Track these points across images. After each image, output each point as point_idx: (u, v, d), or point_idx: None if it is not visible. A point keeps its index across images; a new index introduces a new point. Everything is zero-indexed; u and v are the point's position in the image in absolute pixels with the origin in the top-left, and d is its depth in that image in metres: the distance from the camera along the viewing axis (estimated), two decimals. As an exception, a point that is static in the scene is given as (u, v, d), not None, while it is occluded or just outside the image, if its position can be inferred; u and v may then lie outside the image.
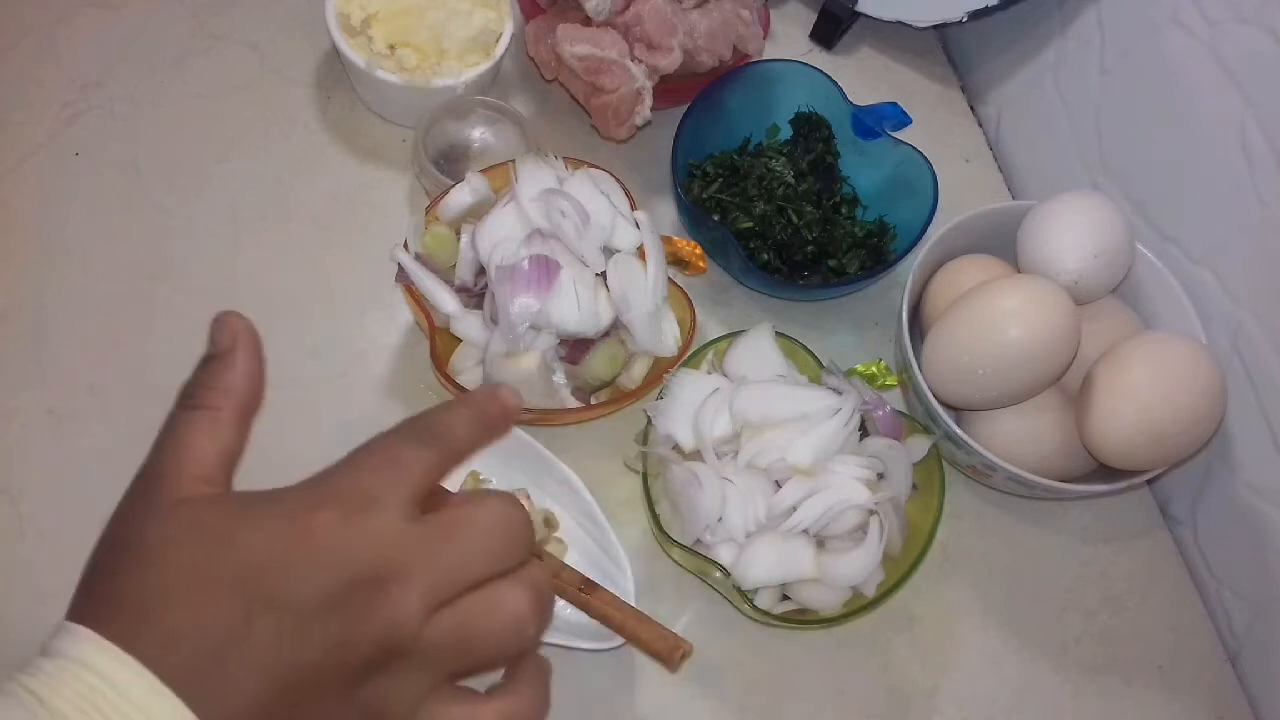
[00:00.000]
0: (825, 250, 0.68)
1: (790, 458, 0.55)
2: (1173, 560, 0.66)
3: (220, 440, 0.37)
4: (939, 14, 0.76)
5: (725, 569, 0.54)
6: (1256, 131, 0.60)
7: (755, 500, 0.56)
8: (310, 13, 0.71)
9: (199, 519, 0.34)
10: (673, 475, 0.56)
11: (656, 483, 0.58)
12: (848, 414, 0.57)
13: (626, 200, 0.62)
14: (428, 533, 0.35)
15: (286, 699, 0.32)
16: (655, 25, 0.65)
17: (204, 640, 0.32)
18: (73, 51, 0.70)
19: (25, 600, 0.54)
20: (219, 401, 0.38)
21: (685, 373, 0.60)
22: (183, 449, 0.36)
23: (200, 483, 0.35)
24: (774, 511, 0.55)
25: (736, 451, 0.57)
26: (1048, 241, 0.61)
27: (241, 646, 0.32)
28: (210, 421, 0.38)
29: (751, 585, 0.54)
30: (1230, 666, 0.63)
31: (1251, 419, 0.62)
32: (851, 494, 0.55)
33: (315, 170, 0.69)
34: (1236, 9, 0.60)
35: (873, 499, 0.55)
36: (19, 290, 0.62)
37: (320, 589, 0.33)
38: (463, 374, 0.59)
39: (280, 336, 0.63)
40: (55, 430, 0.58)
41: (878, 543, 0.55)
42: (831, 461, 0.56)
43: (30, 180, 0.65)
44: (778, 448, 0.56)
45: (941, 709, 0.59)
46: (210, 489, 0.36)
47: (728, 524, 0.55)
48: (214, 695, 0.32)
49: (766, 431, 0.57)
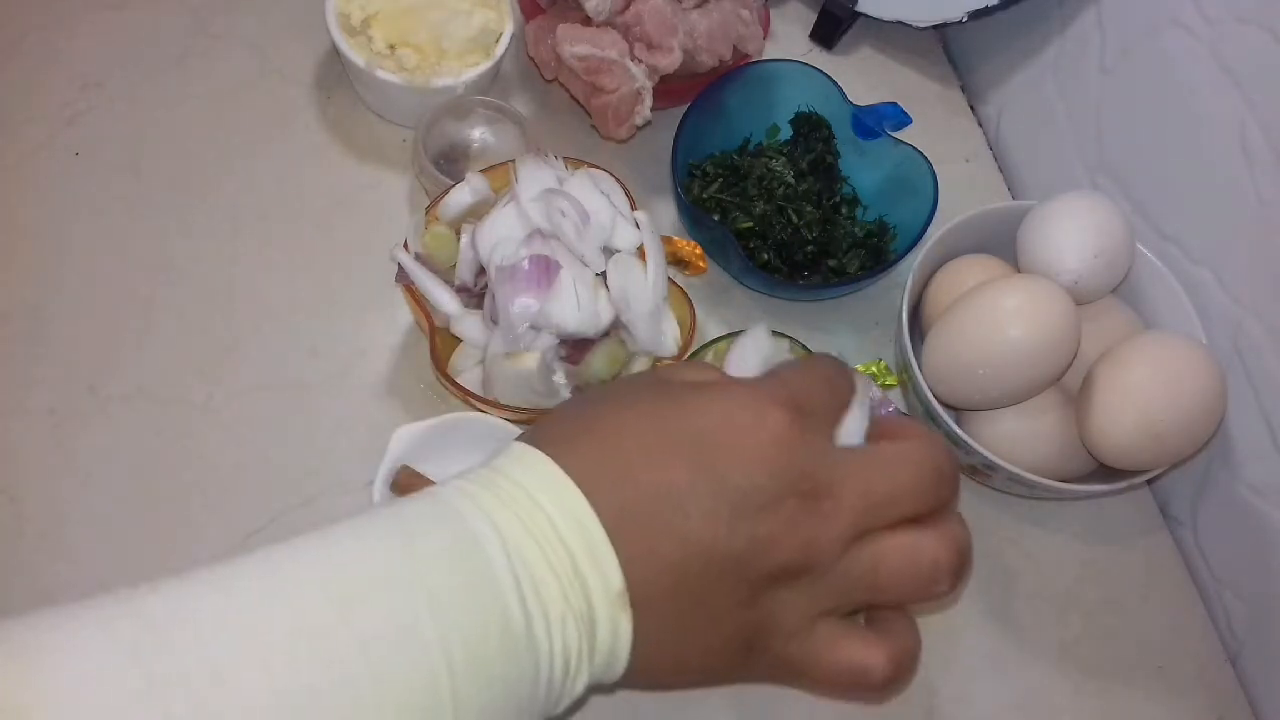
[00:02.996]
0: (825, 250, 0.68)
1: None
2: (1173, 560, 0.66)
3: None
4: (939, 14, 0.76)
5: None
6: (1256, 131, 0.60)
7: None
8: (310, 13, 0.71)
9: (662, 380, 0.35)
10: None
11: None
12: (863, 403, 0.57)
13: (626, 200, 0.62)
14: (866, 461, 0.35)
15: (699, 579, 0.32)
16: (655, 25, 0.65)
17: (642, 488, 0.32)
18: (73, 51, 0.70)
19: (25, 600, 0.54)
20: None
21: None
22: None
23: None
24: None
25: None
26: (1048, 241, 0.61)
27: (676, 507, 0.32)
28: None
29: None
30: (1230, 666, 0.63)
31: (1251, 419, 0.62)
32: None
33: (315, 170, 0.69)
34: (1236, 9, 0.60)
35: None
36: (19, 290, 0.62)
37: (763, 485, 0.33)
38: (463, 374, 0.59)
39: (280, 336, 0.63)
40: (55, 430, 0.58)
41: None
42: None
43: (30, 180, 0.65)
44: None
45: (941, 709, 0.59)
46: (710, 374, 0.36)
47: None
48: (636, 543, 0.32)
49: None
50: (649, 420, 0.34)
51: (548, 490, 0.32)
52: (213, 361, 0.62)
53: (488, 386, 0.58)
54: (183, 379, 0.61)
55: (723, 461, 0.33)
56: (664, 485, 0.32)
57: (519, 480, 0.32)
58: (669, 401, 0.34)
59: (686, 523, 0.32)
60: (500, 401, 0.57)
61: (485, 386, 0.58)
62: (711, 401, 0.34)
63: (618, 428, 0.34)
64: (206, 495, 0.58)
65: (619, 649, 0.32)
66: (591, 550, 0.31)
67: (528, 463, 0.33)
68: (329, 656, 0.28)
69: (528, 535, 0.31)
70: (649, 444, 0.33)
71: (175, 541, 0.56)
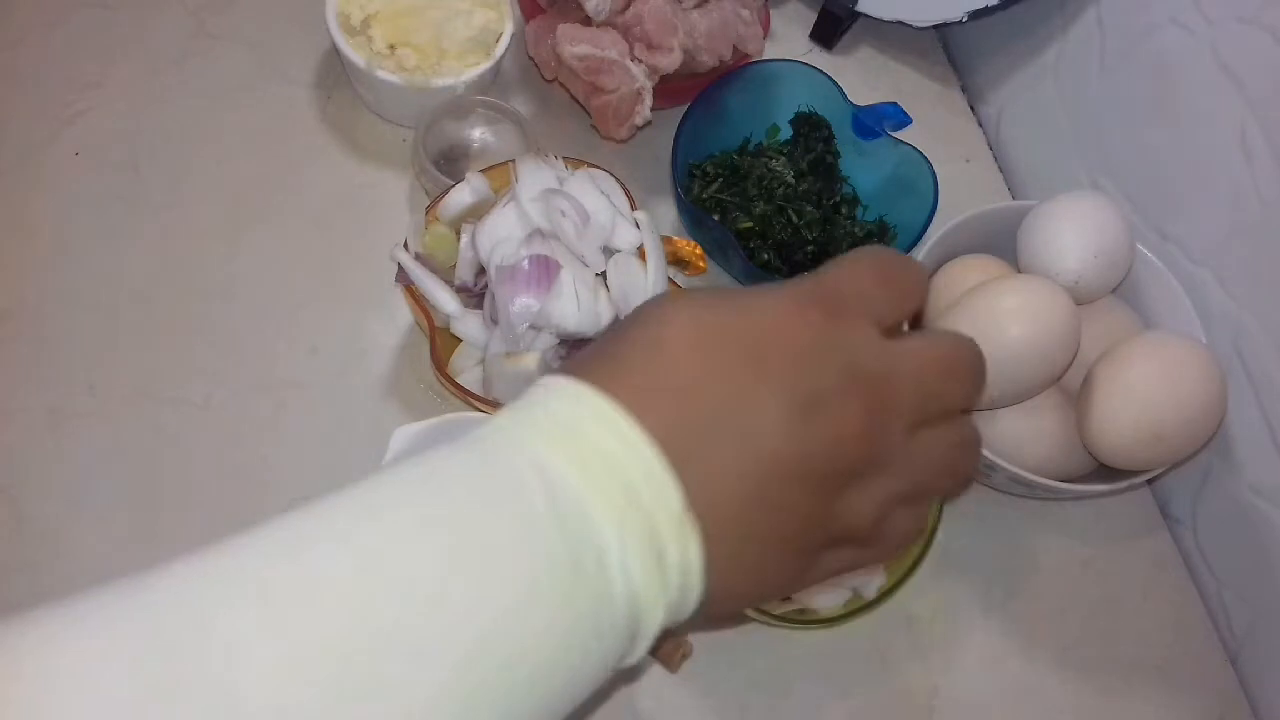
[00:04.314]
0: (825, 250, 0.68)
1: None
2: (1173, 560, 0.66)
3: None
4: (939, 14, 0.76)
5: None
6: (1256, 131, 0.60)
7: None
8: (310, 13, 0.71)
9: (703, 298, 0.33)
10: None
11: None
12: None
13: (626, 200, 0.62)
14: (915, 352, 0.34)
15: (769, 487, 0.31)
16: (655, 25, 0.65)
17: (694, 401, 0.31)
18: (73, 51, 0.70)
19: (25, 600, 0.54)
20: None
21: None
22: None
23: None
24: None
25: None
26: (1048, 241, 0.61)
27: (733, 417, 0.31)
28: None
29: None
30: (1230, 666, 0.63)
31: (1251, 419, 0.62)
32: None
33: (315, 170, 0.69)
34: (1236, 9, 0.60)
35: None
36: (19, 290, 0.62)
37: (819, 384, 0.32)
38: (463, 374, 0.59)
39: (280, 336, 0.63)
40: (55, 430, 0.58)
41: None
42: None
43: (30, 180, 0.65)
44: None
45: (941, 709, 0.59)
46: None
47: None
48: (697, 460, 0.30)
49: None
50: (690, 330, 0.32)
51: (593, 418, 0.30)
52: (212, 361, 0.62)
53: (488, 386, 0.58)
54: (183, 379, 0.61)
55: (774, 364, 0.32)
56: (718, 395, 0.31)
57: (555, 412, 0.31)
58: (707, 311, 0.33)
59: (748, 432, 0.31)
60: (500, 401, 0.57)
61: (485, 386, 0.58)
62: (749, 307, 0.33)
63: (658, 342, 0.32)
64: (206, 495, 0.58)
65: (690, 576, 0.31)
66: (648, 474, 0.30)
67: (567, 393, 0.31)
68: (348, 619, 0.26)
69: (572, 465, 0.30)
70: (694, 356, 0.32)
71: (175, 541, 0.56)
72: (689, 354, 0.32)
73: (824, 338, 0.33)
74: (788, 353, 0.32)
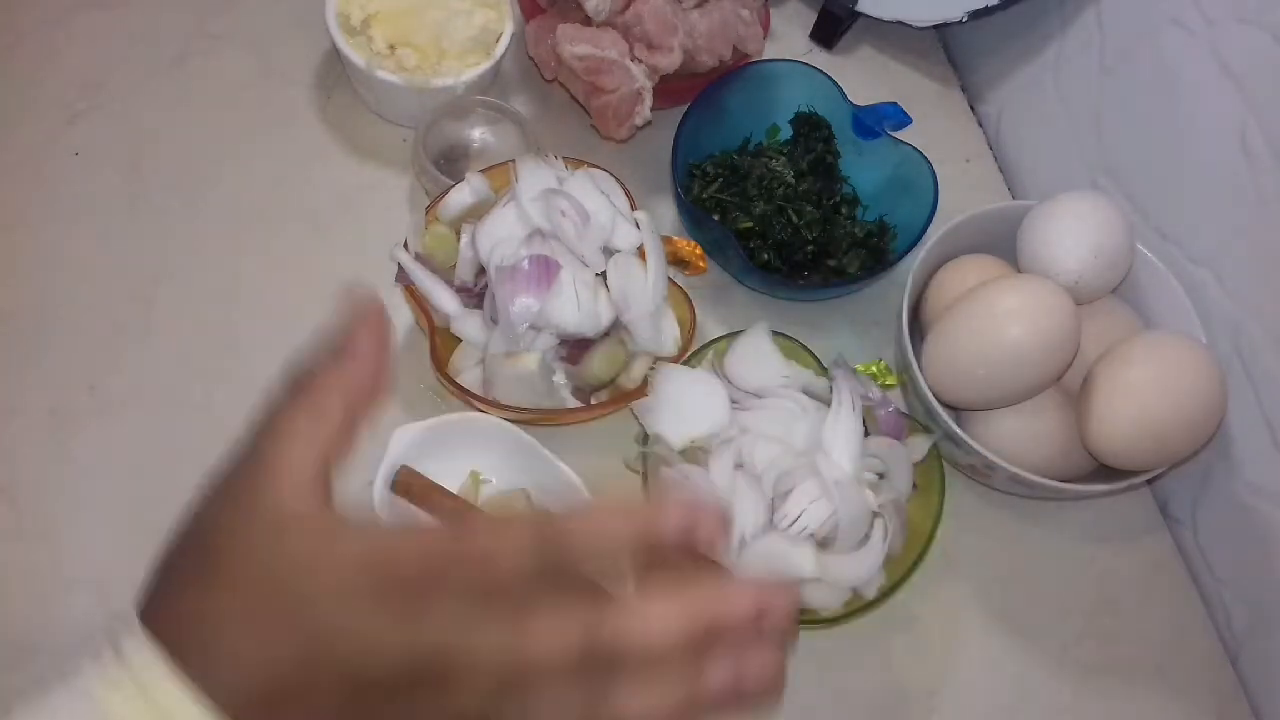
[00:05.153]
0: (825, 250, 0.68)
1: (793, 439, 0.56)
2: (1173, 560, 0.66)
3: (326, 445, 0.32)
4: (939, 14, 0.76)
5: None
6: (1256, 131, 0.60)
7: (750, 504, 0.55)
8: (310, 13, 0.71)
9: (293, 549, 0.31)
10: (661, 476, 0.56)
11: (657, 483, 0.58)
12: (846, 399, 0.57)
13: (626, 200, 0.62)
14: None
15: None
16: (655, 25, 0.65)
17: (270, 689, 0.29)
18: (73, 52, 0.70)
19: (25, 600, 0.54)
20: (331, 400, 0.33)
21: (670, 369, 0.59)
22: (283, 455, 0.32)
23: (300, 497, 0.31)
24: (781, 522, 0.55)
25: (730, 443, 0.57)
26: (1048, 241, 0.61)
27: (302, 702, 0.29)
28: (317, 419, 0.32)
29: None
30: (1230, 666, 0.63)
31: (1251, 419, 0.62)
32: (862, 504, 0.55)
33: (315, 170, 0.69)
34: (1236, 9, 0.60)
35: (876, 501, 0.55)
36: (20, 290, 0.62)
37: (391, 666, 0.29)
38: (463, 374, 0.59)
39: (280, 336, 0.63)
40: (55, 430, 0.58)
41: (881, 545, 0.55)
42: (833, 452, 0.56)
43: (31, 180, 0.65)
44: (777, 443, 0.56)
45: (941, 709, 0.59)
46: (309, 505, 0.32)
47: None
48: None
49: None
50: (272, 611, 0.29)
51: (161, 684, 0.28)
52: (213, 361, 0.62)
53: (488, 386, 0.58)
54: (183, 379, 0.61)
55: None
56: (285, 678, 0.29)
57: (136, 674, 0.29)
58: (303, 580, 0.30)
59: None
60: (500, 401, 0.57)
61: (485, 386, 0.58)
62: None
63: (244, 622, 0.30)
64: (206, 495, 0.58)
65: None
66: None
67: (140, 657, 0.29)
68: None
69: None
70: (267, 638, 0.29)
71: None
72: (266, 628, 0.30)
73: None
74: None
